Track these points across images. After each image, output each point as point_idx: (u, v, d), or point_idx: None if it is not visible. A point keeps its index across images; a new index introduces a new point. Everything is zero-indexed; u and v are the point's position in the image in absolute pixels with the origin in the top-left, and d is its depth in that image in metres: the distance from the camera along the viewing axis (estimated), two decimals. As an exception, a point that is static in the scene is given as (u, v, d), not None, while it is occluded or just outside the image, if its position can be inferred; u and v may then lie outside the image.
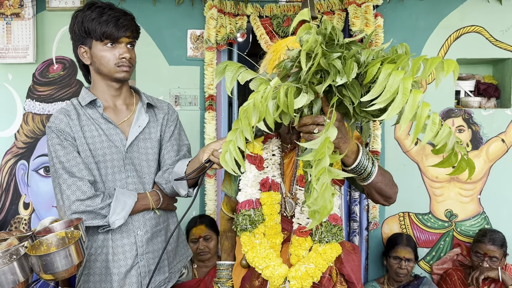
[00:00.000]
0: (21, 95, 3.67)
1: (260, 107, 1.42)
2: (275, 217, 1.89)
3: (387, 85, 1.29)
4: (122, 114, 2.17)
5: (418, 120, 1.29)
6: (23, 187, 3.70)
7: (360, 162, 1.62)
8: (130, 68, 2.09)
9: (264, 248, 1.85)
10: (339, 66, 1.38)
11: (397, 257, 3.42)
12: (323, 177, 1.36)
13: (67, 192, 1.98)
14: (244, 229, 1.88)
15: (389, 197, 1.80)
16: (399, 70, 1.31)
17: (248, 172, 1.92)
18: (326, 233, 1.82)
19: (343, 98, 1.44)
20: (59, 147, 2.02)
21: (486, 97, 3.79)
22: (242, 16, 3.57)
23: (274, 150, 1.95)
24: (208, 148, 1.89)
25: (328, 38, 1.44)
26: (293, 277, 1.78)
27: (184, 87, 3.69)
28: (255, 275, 1.94)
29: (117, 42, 2.04)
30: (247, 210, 1.88)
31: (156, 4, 3.65)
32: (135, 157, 2.14)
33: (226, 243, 2.20)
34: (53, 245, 1.71)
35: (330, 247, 1.82)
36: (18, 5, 3.55)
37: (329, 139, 1.36)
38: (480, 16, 3.64)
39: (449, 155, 1.46)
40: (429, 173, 3.71)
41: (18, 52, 3.58)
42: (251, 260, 1.85)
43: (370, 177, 1.67)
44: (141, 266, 2.12)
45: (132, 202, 2.06)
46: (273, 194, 1.90)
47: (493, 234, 3.42)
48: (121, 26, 2.01)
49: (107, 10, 2.02)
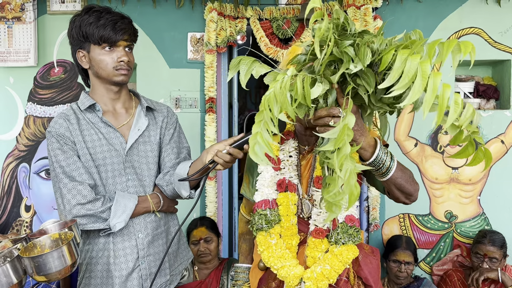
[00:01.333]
0: (22, 98, 3.70)
1: (280, 97, 1.39)
2: (291, 218, 1.88)
3: (404, 70, 1.26)
4: (121, 117, 2.18)
5: (441, 102, 1.25)
6: (25, 189, 3.72)
7: (378, 156, 1.58)
8: (129, 72, 2.10)
9: (279, 248, 1.85)
10: (351, 53, 1.36)
11: (396, 260, 3.42)
12: (346, 164, 1.34)
13: (68, 196, 1.99)
14: (260, 228, 1.87)
15: (410, 194, 1.74)
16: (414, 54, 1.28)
17: (265, 172, 1.93)
18: (342, 234, 1.80)
19: (357, 87, 1.43)
20: (59, 151, 2.03)
21: (485, 98, 3.79)
22: (242, 19, 3.58)
23: (291, 151, 1.94)
24: (212, 149, 1.90)
25: (340, 28, 1.43)
26: (309, 278, 1.78)
27: (184, 90, 3.71)
28: (272, 277, 1.94)
29: (115, 45, 2.04)
30: (263, 210, 1.88)
31: (157, 7, 3.67)
32: (135, 160, 2.15)
33: (244, 246, 2.20)
34: (46, 247, 1.72)
35: (347, 248, 1.80)
36: (20, 9, 3.57)
37: (347, 125, 1.34)
38: (479, 18, 3.65)
39: (466, 146, 1.44)
40: (429, 175, 3.71)
41: (19, 55, 3.61)
42: (267, 260, 1.85)
43: (389, 172, 1.62)
44: (142, 269, 2.13)
45: (132, 205, 2.07)
46: (290, 194, 1.89)
47: (493, 235, 3.42)
48: (118, 30, 2.02)
49: (105, 14, 2.02)
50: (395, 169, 1.63)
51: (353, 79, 1.42)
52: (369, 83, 1.39)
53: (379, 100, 1.45)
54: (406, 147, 3.70)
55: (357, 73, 1.41)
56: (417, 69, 1.25)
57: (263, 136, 1.43)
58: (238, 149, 1.85)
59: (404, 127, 3.67)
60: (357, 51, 1.37)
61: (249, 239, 2.19)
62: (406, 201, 1.78)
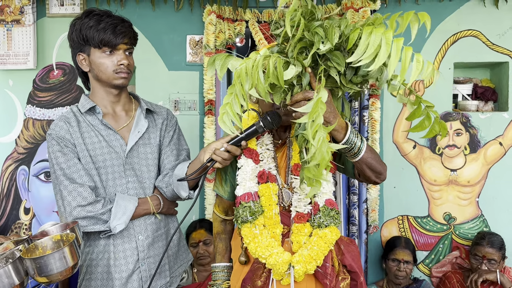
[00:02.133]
0: (21, 101, 3.70)
1: (252, 74, 1.52)
2: (273, 207, 1.92)
3: (370, 42, 1.41)
4: (121, 120, 2.19)
5: (403, 62, 1.40)
6: (24, 192, 3.72)
7: (350, 137, 1.71)
8: (129, 75, 2.11)
9: (265, 237, 1.89)
10: (321, 33, 1.51)
11: (395, 259, 3.43)
12: (319, 133, 1.48)
13: (68, 198, 2.00)
14: (245, 221, 1.90)
15: (380, 173, 1.87)
16: (377, 28, 1.42)
17: (246, 166, 1.95)
18: (324, 217, 1.89)
19: (329, 69, 1.57)
20: (60, 153, 2.04)
21: (483, 100, 3.81)
22: (241, 21, 3.59)
23: (268, 144, 1.99)
24: (210, 147, 1.92)
25: (309, 14, 1.59)
26: (297, 261, 1.83)
27: (183, 92, 3.71)
28: (258, 275, 1.96)
29: (115, 49, 2.05)
30: (247, 202, 1.91)
31: (155, 10, 3.68)
32: (135, 162, 2.16)
33: (220, 245, 2.21)
34: (48, 248, 1.72)
35: (330, 230, 1.89)
36: (19, 12, 3.58)
37: (321, 99, 1.47)
38: (477, 20, 3.66)
39: (423, 120, 1.63)
40: (428, 176, 3.72)
41: (18, 58, 3.61)
42: (254, 251, 1.88)
43: (360, 153, 1.75)
44: (142, 270, 2.14)
45: (132, 206, 2.08)
46: (271, 185, 1.94)
47: (491, 237, 3.43)
48: (118, 33, 2.03)
49: (105, 18, 2.04)
50: (365, 149, 1.76)
51: (324, 63, 1.57)
52: (339, 63, 1.55)
53: (349, 81, 1.62)
54: (404, 149, 3.71)
55: (327, 57, 1.56)
56: (381, 39, 1.40)
57: (232, 107, 1.58)
58: (236, 146, 1.87)
59: (402, 129, 3.68)
60: (326, 32, 1.51)
61: (225, 238, 2.21)
62: (376, 180, 1.90)
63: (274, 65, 1.50)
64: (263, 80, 1.52)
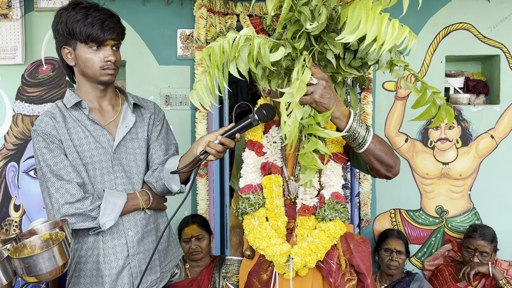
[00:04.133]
0: (10, 96, 3.65)
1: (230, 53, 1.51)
2: (275, 199, 1.91)
3: (353, 16, 1.37)
4: (108, 115, 2.16)
5: (379, 28, 1.36)
6: (14, 189, 3.68)
7: (352, 126, 1.63)
8: (115, 71, 2.07)
9: (264, 228, 1.87)
10: (307, 12, 1.47)
11: (388, 249, 3.44)
12: (294, 112, 1.47)
13: (56, 196, 1.97)
14: (245, 212, 1.90)
15: (391, 166, 1.77)
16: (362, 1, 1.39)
17: (248, 159, 1.95)
18: (329, 210, 1.84)
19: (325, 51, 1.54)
20: (46, 150, 2.01)
21: (475, 93, 3.82)
22: (232, 15, 3.57)
23: (275, 137, 1.97)
24: (203, 140, 1.90)
25: None
26: (296, 253, 1.81)
27: (174, 87, 3.69)
28: (263, 269, 1.96)
29: (103, 45, 2.01)
30: (246, 194, 1.91)
31: (145, 4, 3.64)
32: (123, 158, 2.13)
33: (234, 239, 2.24)
34: (37, 247, 1.70)
35: (334, 224, 1.84)
36: (6, 6, 3.53)
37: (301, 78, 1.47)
38: (468, 13, 3.66)
39: (429, 107, 1.56)
40: (420, 170, 3.72)
41: (6, 53, 3.56)
42: (253, 242, 1.87)
43: (365, 143, 1.67)
44: (132, 266, 2.12)
45: (121, 202, 2.06)
46: (273, 176, 1.92)
47: (483, 229, 3.44)
48: (106, 29, 1.98)
49: (92, 12, 1.99)
50: (371, 139, 1.68)
51: (320, 46, 1.55)
52: (335, 45, 1.52)
53: (348, 66, 1.58)
54: (396, 142, 3.71)
55: (324, 40, 1.54)
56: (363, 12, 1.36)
57: (202, 84, 1.59)
58: (230, 139, 1.86)
59: (394, 123, 3.68)
60: (314, 12, 1.48)
61: (239, 233, 2.22)
62: (387, 174, 1.81)
63: (258, 46, 1.47)
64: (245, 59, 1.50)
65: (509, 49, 3.66)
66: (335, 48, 1.51)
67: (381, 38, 1.35)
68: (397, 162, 1.80)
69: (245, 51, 1.50)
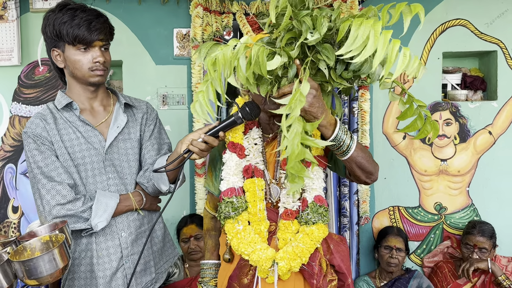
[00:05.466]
0: (7, 98, 3.64)
1: (230, 62, 1.49)
2: (258, 203, 1.89)
3: (358, 34, 1.36)
4: (99, 115, 2.15)
5: (390, 55, 1.36)
6: (12, 190, 3.67)
7: (338, 135, 1.66)
8: (105, 72, 2.06)
9: (248, 233, 1.86)
10: (309, 22, 1.46)
11: (388, 246, 3.44)
12: (294, 125, 1.47)
13: (47, 197, 1.96)
14: (228, 216, 1.88)
15: (371, 173, 1.80)
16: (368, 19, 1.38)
17: (230, 161, 1.93)
18: (312, 214, 1.85)
19: (318, 62, 1.53)
20: (37, 152, 2.00)
21: (472, 90, 3.81)
22: (228, 14, 3.56)
23: (256, 139, 1.96)
24: (187, 138, 1.89)
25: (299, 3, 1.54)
26: (281, 257, 1.80)
27: (171, 86, 3.68)
28: (244, 273, 1.93)
29: (90, 46, 2.00)
30: (230, 197, 1.89)
31: (141, 3, 3.63)
32: (115, 158, 2.13)
33: (210, 242, 2.20)
34: (37, 250, 1.70)
35: (317, 227, 1.85)
36: (2, 7, 3.51)
37: (300, 91, 1.45)
38: (465, 9, 3.65)
39: (415, 119, 1.58)
40: (418, 167, 3.72)
41: (2, 54, 3.55)
42: (237, 247, 1.85)
43: (349, 151, 1.69)
44: (126, 268, 2.11)
45: (114, 203, 2.05)
46: (256, 180, 1.91)
47: (482, 225, 3.44)
48: (93, 30, 1.97)
49: (79, 13, 1.97)
50: (355, 147, 1.70)
51: (314, 55, 1.53)
52: (328, 56, 1.50)
53: (339, 76, 1.56)
54: (394, 140, 3.71)
55: (317, 49, 1.51)
56: (369, 31, 1.35)
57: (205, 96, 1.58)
58: (213, 137, 1.84)
59: (392, 120, 3.68)
60: (314, 22, 1.47)
61: (215, 235, 2.19)
62: (367, 180, 1.84)
63: (256, 54, 1.46)
64: (244, 68, 1.48)
65: (506, 45, 3.65)
66: (328, 59, 1.50)
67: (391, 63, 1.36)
68: (377, 169, 1.84)
69: (243, 58, 1.49)
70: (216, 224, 2.18)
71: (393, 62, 1.37)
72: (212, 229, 2.20)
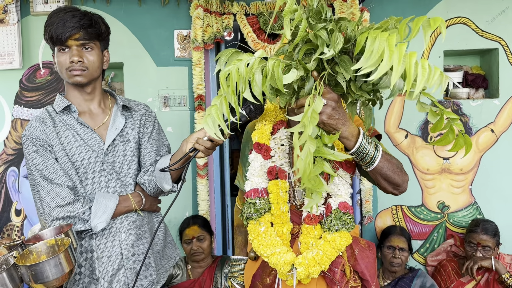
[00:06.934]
0: (8, 101, 3.65)
1: (245, 76, 1.44)
2: (282, 205, 1.87)
3: (373, 48, 1.29)
4: (98, 118, 2.16)
5: (408, 69, 1.28)
6: (14, 194, 3.68)
7: (361, 146, 1.59)
8: (84, 72, 2.03)
9: (269, 235, 1.84)
10: (325, 37, 1.40)
11: (390, 246, 3.44)
12: (307, 145, 1.40)
13: (47, 199, 1.97)
14: (250, 217, 1.88)
15: (398, 185, 1.73)
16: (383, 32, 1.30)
17: (254, 162, 1.92)
18: (335, 220, 1.80)
19: (336, 75, 1.46)
20: (36, 155, 2.01)
21: (474, 88, 3.80)
22: (229, 14, 3.56)
23: (283, 139, 1.93)
24: (192, 137, 1.89)
25: (315, 13, 1.46)
26: (300, 263, 1.77)
27: (172, 88, 3.68)
28: (266, 273, 1.93)
29: (67, 46, 2.00)
30: (253, 199, 1.88)
31: (142, 5, 3.64)
32: (114, 160, 2.13)
33: (239, 238, 2.20)
34: (43, 253, 1.70)
35: (340, 235, 1.79)
36: (2, 11, 3.52)
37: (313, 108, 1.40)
38: (466, 7, 3.65)
39: (447, 133, 1.50)
40: (420, 166, 3.72)
41: (4, 58, 3.56)
42: (257, 248, 1.84)
43: (373, 162, 1.62)
44: (127, 269, 2.11)
45: (113, 204, 2.05)
46: (280, 182, 1.88)
47: (485, 223, 3.44)
48: (66, 28, 1.96)
49: (61, 14, 1.98)
50: (380, 159, 1.63)
51: (332, 67, 1.46)
52: (346, 69, 1.43)
53: (359, 88, 1.49)
54: (396, 138, 3.70)
55: (335, 61, 1.45)
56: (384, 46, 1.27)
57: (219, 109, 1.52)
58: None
59: (394, 119, 3.68)
60: (330, 36, 1.40)
61: (245, 231, 2.18)
62: (394, 192, 1.78)
63: (272, 69, 1.41)
64: (259, 82, 1.44)
65: (508, 43, 3.64)
66: (346, 72, 1.43)
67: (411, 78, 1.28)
68: (405, 180, 1.76)
69: (259, 73, 1.44)
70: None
71: (413, 76, 1.28)
72: (242, 225, 2.19)
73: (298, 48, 1.47)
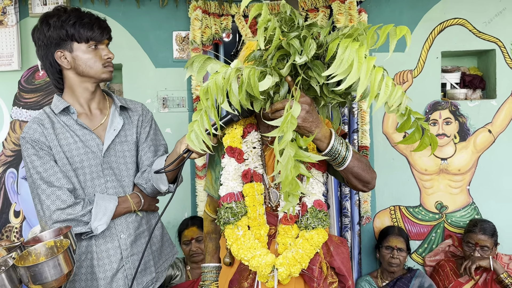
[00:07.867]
0: (7, 103, 3.65)
1: (223, 87, 1.48)
2: (258, 208, 1.88)
3: (344, 57, 1.34)
4: (96, 119, 2.17)
5: (372, 83, 1.34)
6: (13, 195, 3.68)
7: (333, 147, 1.65)
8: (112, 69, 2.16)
9: (248, 239, 1.85)
10: (297, 45, 1.45)
11: (389, 246, 3.45)
12: (287, 150, 1.44)
13: (47, 202, 1.97)
14: (227, 222, 1.87)
15: (367, 182, 1.81)
16: (354, 42, 1.36)
17: (228, 166, 1.92)
18: (312, 218, 1.84)
19: (309, 79, 1.52)
20: (35, 157, 2.01)
21: (471, 88, 3.82)
22: (227, 16, 3.56)
23: (254, 143, 1.95)
24: (185, 138, 1.89)
25: (288, 21, 1.51)
26: (281, 263, 1.78)
27: (171, 89, 3.69)
28: (244, 277, 1.93)
29: (100, 43, 2.08)
30: (229, 203, 1.88)
31: (140, 7, 3.64)
32: (113, 161, 2.14)
33: (210, 245, 2.19)
34: (42, 255, 1.70)
35: (317, 232, 1.83)
36: (1, 13, 3.52)
37: (291, 114, 1.43)
38: (463, 8, 3.66)
39: (413, 132, 1.55)
40: (418, 166, 3.73)
41: (2, 59, 3.56)
42: (236, 252, 1.84)
43: (344, 162, 1.69)
44: (127, 268, 2.12)
45: (113, 206, 2.06)
46: (255, 184, 1.90)
47: (483, 224, 3.46)
48: (104, 28, 2.08)
49: (85, 14, 2.07)
50: (351, 158, 1.70)
51: (305, 72, 1.52)
52: (319, 74, 1.49)
53: (331, 92, 1.55)
54: (394, 139, 3.71)
55: (308, 66, 1.51)
56: (354, 57, 1.34)
57: (200, 125, 1.56)
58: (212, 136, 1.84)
59: (392, 119, 3.69)
60: (302, 43, 1.46)
61: (215, 238, 2.18)
62: (363, 189, 1.85)
63: (248, 77, 1.45)
64: (236, 92, 1.47)
65: (505, 44, 3.66)
66: (319, 77, 1.49)
67: (374, 92, 1.35)
68: (374, 177, 1.84)
69: (235, 82, 1.48)
70: (216, 227, 2.16)
71: (376, 91, 1.35)
72: (213, 232, 2.19)
73: (271, 54, 1.51)
